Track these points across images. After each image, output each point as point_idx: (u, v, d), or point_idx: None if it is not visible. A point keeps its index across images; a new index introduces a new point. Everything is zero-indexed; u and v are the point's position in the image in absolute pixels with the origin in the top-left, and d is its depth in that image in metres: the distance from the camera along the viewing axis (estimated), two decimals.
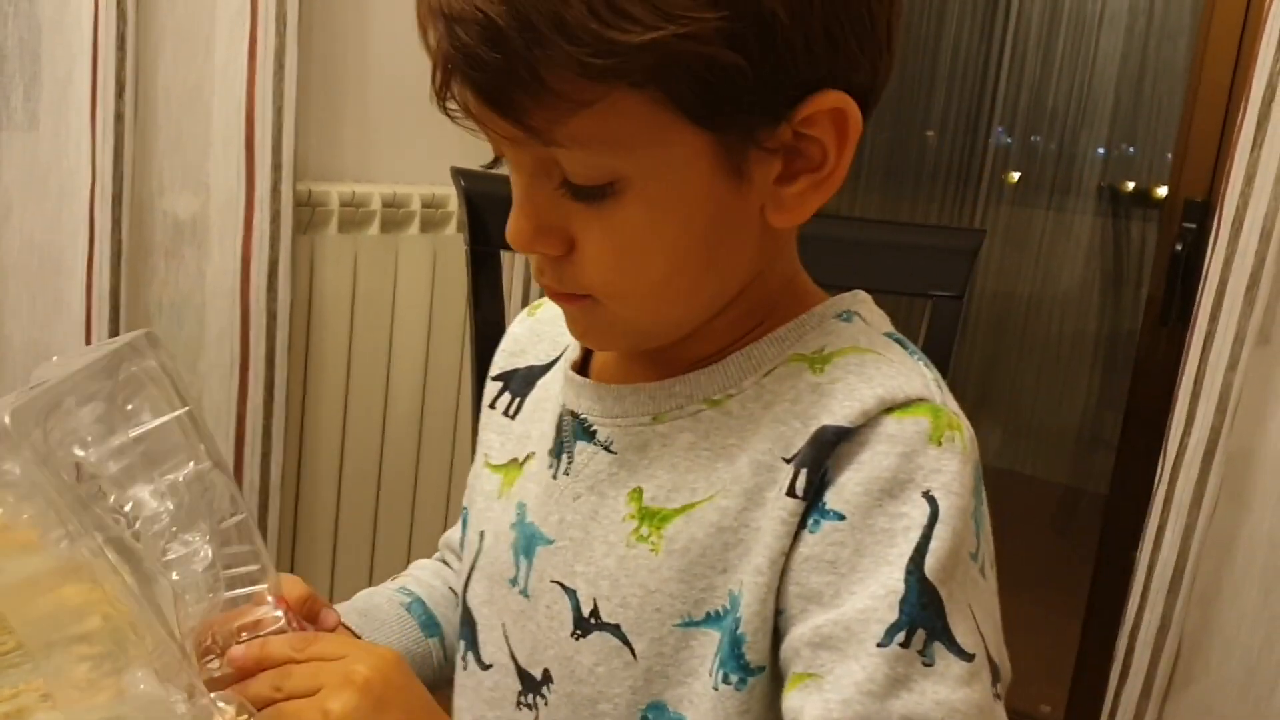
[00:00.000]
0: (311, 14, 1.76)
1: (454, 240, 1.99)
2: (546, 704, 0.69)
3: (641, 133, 0.57)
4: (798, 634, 0.59)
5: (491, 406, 0.81)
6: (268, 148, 1.70)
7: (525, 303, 2.08)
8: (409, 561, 2.22)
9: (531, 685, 0.70)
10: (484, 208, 1.17)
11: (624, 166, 0.58)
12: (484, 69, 0.56)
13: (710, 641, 0.63)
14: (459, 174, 1.18)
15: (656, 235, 0.61)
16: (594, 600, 0.66)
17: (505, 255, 1.20)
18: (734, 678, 0.62)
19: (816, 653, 0.58)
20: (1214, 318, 1.57)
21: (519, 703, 0.71)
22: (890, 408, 0.60)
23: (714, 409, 0.65)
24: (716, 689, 0.62)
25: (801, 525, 0.60)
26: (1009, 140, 3.57)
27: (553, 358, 0.78)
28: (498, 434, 0.79)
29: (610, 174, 0.58)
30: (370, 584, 0.90)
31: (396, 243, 1.94)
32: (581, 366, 0.73)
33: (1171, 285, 1.86)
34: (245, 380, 1.77)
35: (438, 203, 1.97)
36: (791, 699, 0.58)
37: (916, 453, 0.59)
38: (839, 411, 0.61)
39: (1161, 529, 1.65)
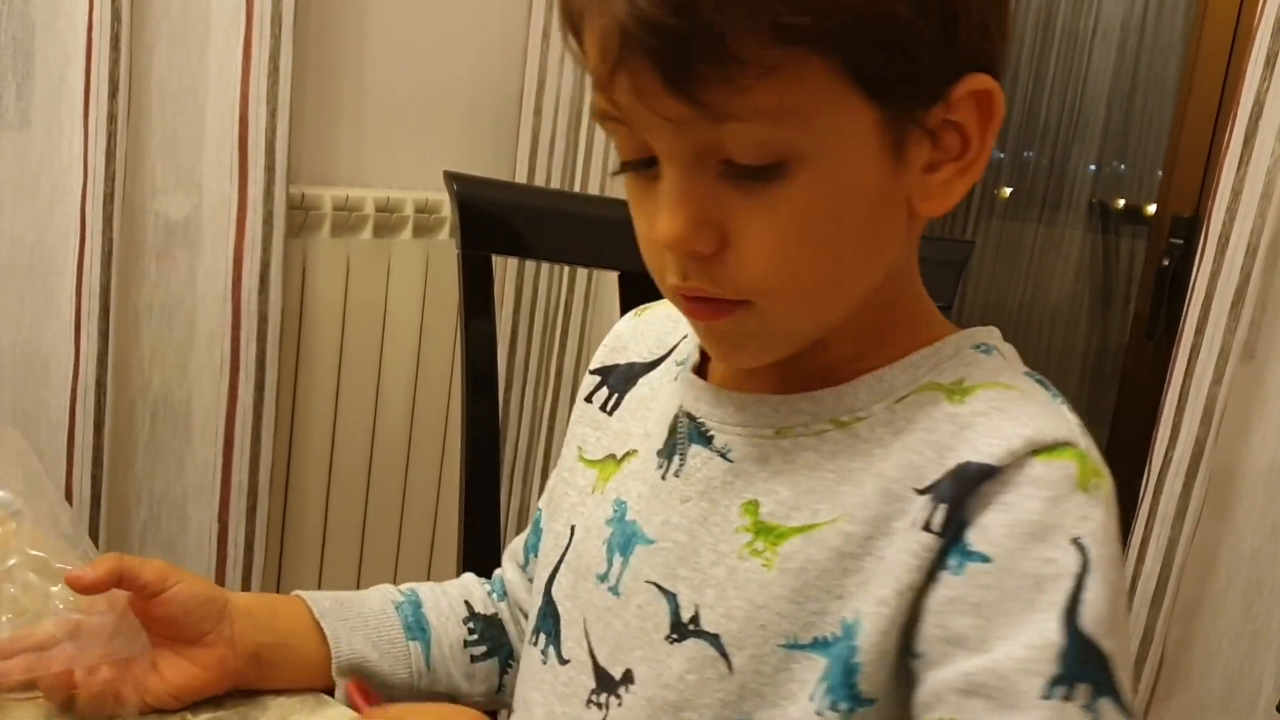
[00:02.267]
0: (307, 17, 1.77)
1: (446, 246, 1.99)
2: (620, 704, 0.68)
3: (819, 104, 0.56)
4: (942, 678, 0.58)
5: (588, 400, 0.81)
6: (261, 150, 1.70)
7: (517, 309, 2.09)
8: (397, 565, 2.22)
9: (607, 684, 0.69)
10: (477, 212, 1.17)
11: (799, 142, 0.57)
12: (668, 38, 0.54)
13: (814, 667, 0.62)
14: (452, 178, 1.18)
15: (823, 219, 0.59)
16: (695, 607, 0.65)
17: (497, 261, 1.20)
18: (842, 706, 0.61)
19: (967, 700, 0.57)
20: (1199, 332, 1.59)
21: (589, 700, 0.70)
22: (1038, 449, 0.59)
23: (841, 430, 0.64)
24: (820, 715, 0.61)
25: (939, 564, 0.59)
26: (1001, 155, 3.58)
27: (657, 356, 0.78)
28: (593, 429, 0.79)
29: (783, 151, 0.57)
30: (358, 588, 0.90)
31: (389, 248, 1.94)
32: (698, 368, 0.72)
33: (1158, 300, 1.88)
34: (235, 383, 1.76)
35: (430, 208, 1.97)
36: None
37: (1064, 498, 0.58)
38: (983, 449, 0.59)
39: (1145, 542, 1.66)
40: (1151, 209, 2.28)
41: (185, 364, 1.76)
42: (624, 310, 1.20)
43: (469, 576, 0.91)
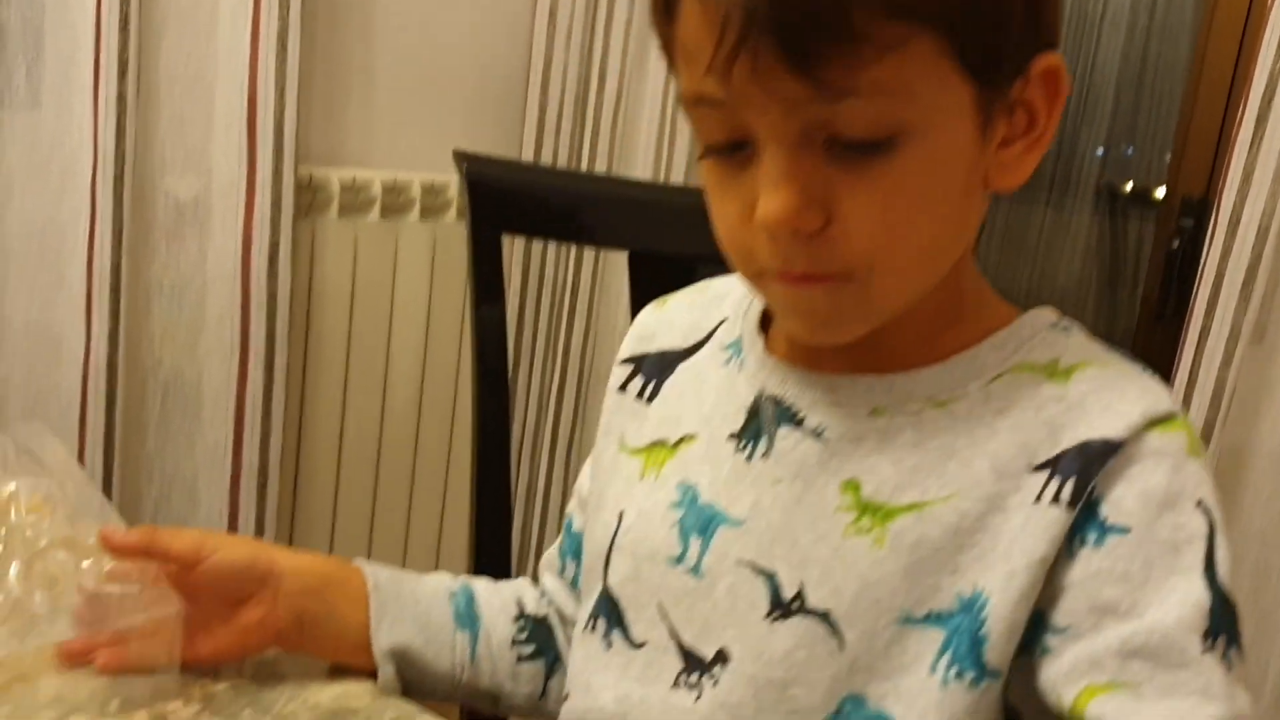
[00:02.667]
0: None
1: (453, 228, 1.99)
2: (716, 684, 0.68)
3: (928, 80, 0.59)
4: (1098, 645, 0.60)
5: (622, 390, 0.81)
6: (269, 131, 1.70)
7: (524, 292, 2.09)
8: (407, 545, 2.23)
9: (697, 665, 0.70)
10: (486, 191, 1.18)
11: (909, 116, 0.59)
12: (796, 17, 0.56)
13: (930, 640, 0.63)
14: (461, 157, 1.18)
15: (927, 192, 0.61)
16: (799, 585, 0.66)
17: (506, 240, 1.20)
18: (969, 674, 0.63)
19: (1128, 663, 0.59)
20: (1209, 314, 1.58)
21: (678, 682, 0.70)
22: (1153, 422, 0.63)
23: (938, 410, 0.66)
24: (945, 685, 0.63)
25: (1074, 538, 0.62)
26: None
27: (692, 342, 0.79)
28: (633, 418, 0.79)
29: (894, 125, 0.59)
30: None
31: (396, 229, 1.94)
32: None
33: (1167, 282, 1.87)
34: (245, 363, 1.77)
35: (437, 190, 1.97)
36: (1101, 707, 0.59)
37: (1182, 466, 0.62)
38: (1101, 426, 0.63)
39: None
40: (1160, 192, 2.28)
41: (195, 344, 1.77)
42: (634, 291, 1.21)
43: (523, 580, 0.91)
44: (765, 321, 0.75)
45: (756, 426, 0.71)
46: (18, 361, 1.66)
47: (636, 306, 1.21)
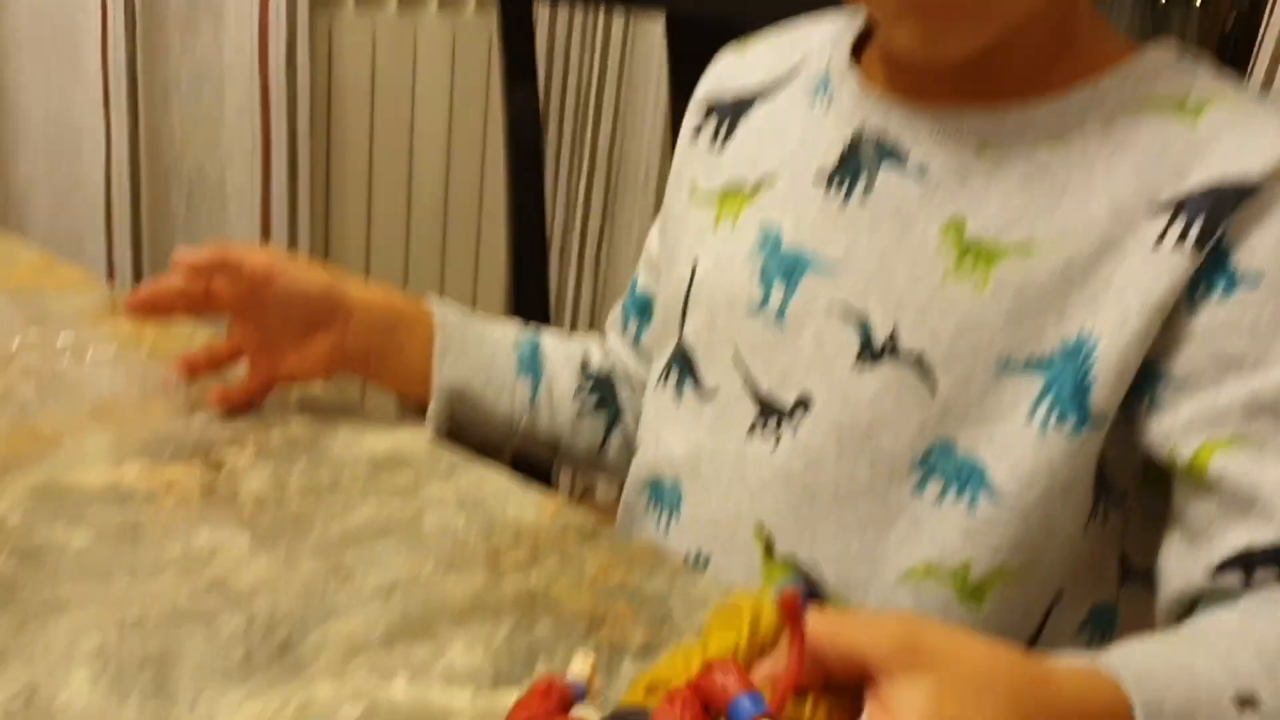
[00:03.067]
0: None
1: (473, 22, 1.93)
2: (796, 432, 0.67)
3: None
4: (1222, 399, 0.58)
5: (695, 138, 0.78)
6: None
7: (549, 76, 2.03)
8: None
9: (774, 413, 0.68)
10: None
11: None
12: None
13: (1028, 386, 0.61)
14: None
15: None
16: (893, 330, 0.64)
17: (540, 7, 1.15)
18: (1070, 421, 0.61)
19: (1254, 418, 0.57)
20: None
21: (753, 430, 0.69)
22: None
23: (1052, 145, 0.62)
24: (1044, 433, 0.61)
25: (1199, 284, 0.59)
26: None
27: (771, 81, 0.75)
28: (705, 166, 0.76)
29: None
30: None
31: (414, 22, 1.88)
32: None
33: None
34: (268, 160, 1.74)
35: None
36: (1225, 461, 0.57)
37: None
38: (1235, 165, 0.58)
39: None
40: None
41: (216, 140, 1.73)
42: (672, 62, 1.16)
43: (590, 338, 0.90)
44: (858, 58, 0.71)
45: (854, 165, 0.67)
46: (40, 154, 1.64)
47: (676, 79, 1.16)
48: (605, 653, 0.57)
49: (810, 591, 0.67)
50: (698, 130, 0.78)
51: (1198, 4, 2.40)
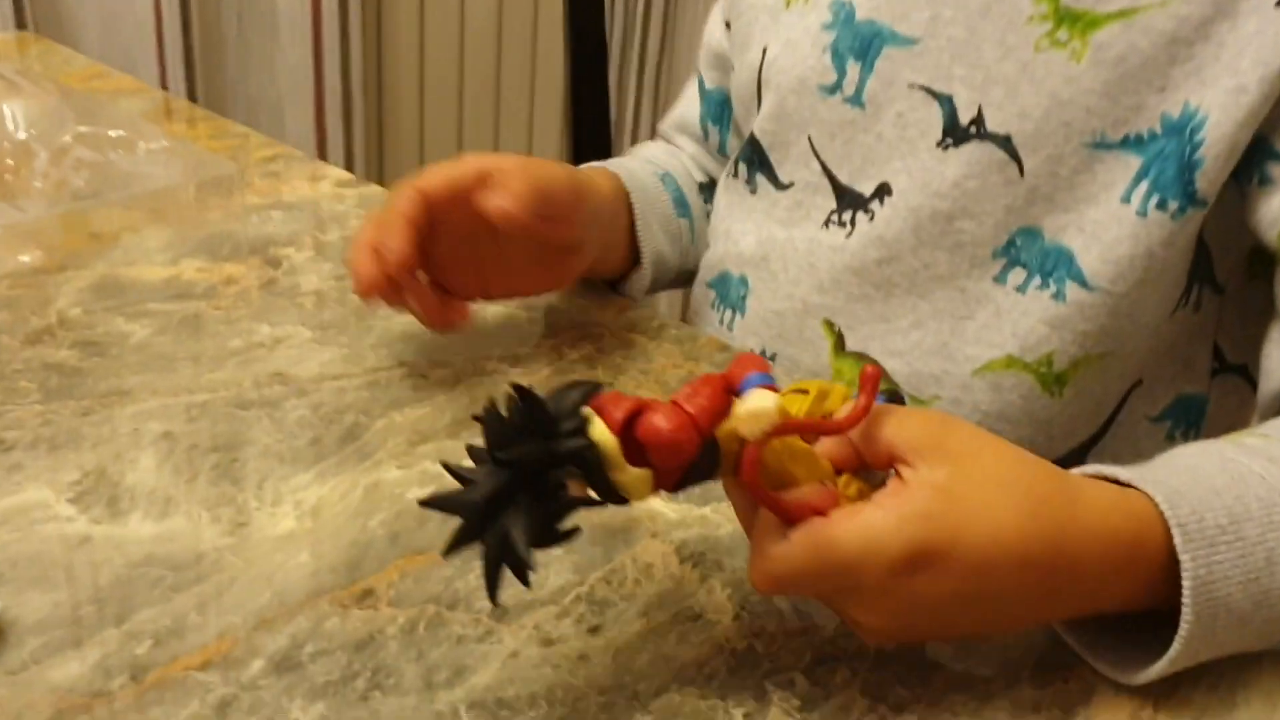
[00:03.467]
0: None
1: None
2: (873, 219, 0.64)
3: None
4: None
5: None
6: None
7: None
8: None
9: (853, 201, 0.65)
10: None
11: None
12: None
13: (1123, 166, 0.57)
14: None
15: None
16: (978, 107, 0.60)
17: None
18: (1173, 204, 0.56)
19: None
20: None
21: (829, 221, 0.66)
22: None
23: None
24: (1143, 214, 0.57)
25: None
26: None
27: None
28: None
29: None
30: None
31: None
32: None
33: None
34: None
35: None
36: None
37: None
38: None
39: None
40: None
41: None
42: None
43: (668, 146, 0.82)
44: None
45: None
46: None
47: None
48: None
49: (892, 395, 0.65)
50: None
51: None
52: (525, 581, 0.37)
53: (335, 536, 0.48)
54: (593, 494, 0.39)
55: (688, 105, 0.81)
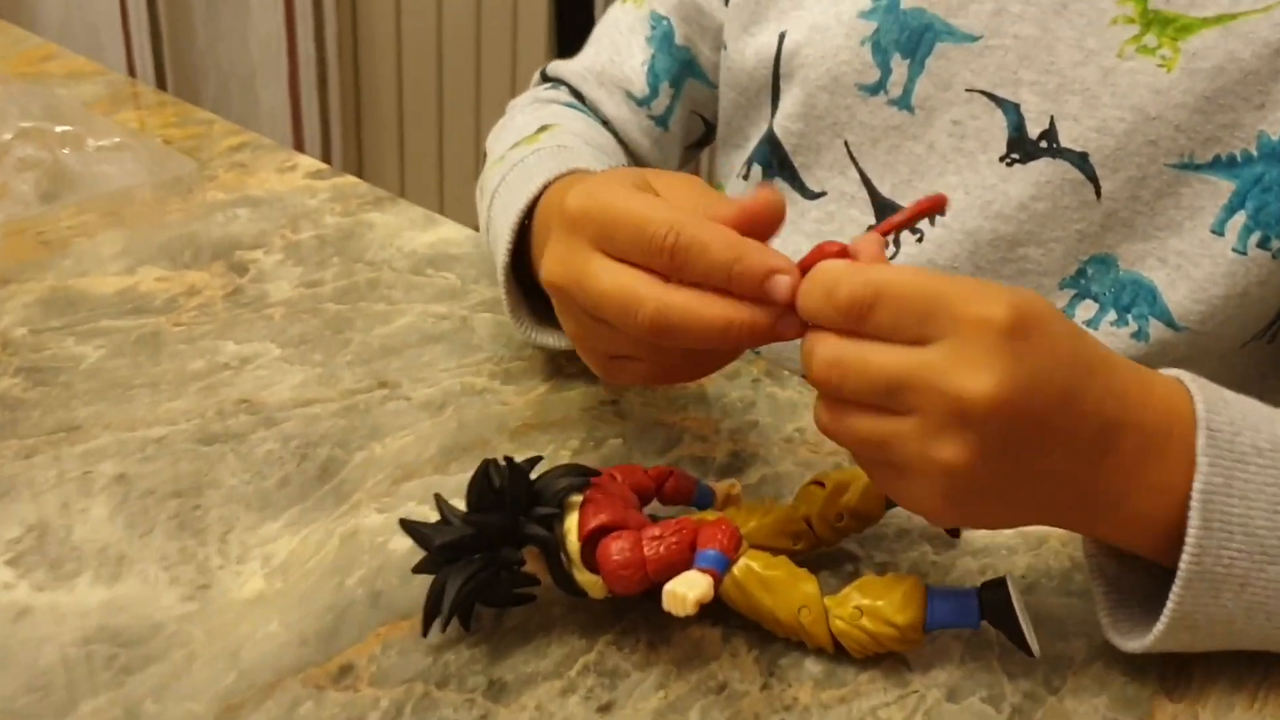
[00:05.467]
0: None
1: None
2: (920, 241, 0.57)
3: None
4: None
5: None
6: None
7: None
8: (479, 135, 2.13)
9: None
10: None
11: None
12: None
13: (1210, 192, 0.51)
14: None
15: None
16: (1050, 119, 0.53)
17: None
18: (1277, 243, 0.50)
19: None
20: None
21: None
22: None
23: None
24: (1242, 253, 0.51)
25: None
26: None
27: None
28: None
29: None
30: (440, 158, 0.79)
31: None
32: None
33: None
34: None
35: None
36: None
37: None
38: None
39: None
40: None
41: None
42: None
43: (584, 118, 0.67)
44: None
45: None
46: None
47: None
48: (691, 466, 0.50)
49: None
50: None
51: None
52: (441, 629, 0.40)
53: (308, 599, 0.42)
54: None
55: (625, 54, 0.67)
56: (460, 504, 0.41)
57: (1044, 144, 0.53)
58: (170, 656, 0.40)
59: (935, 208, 0.40)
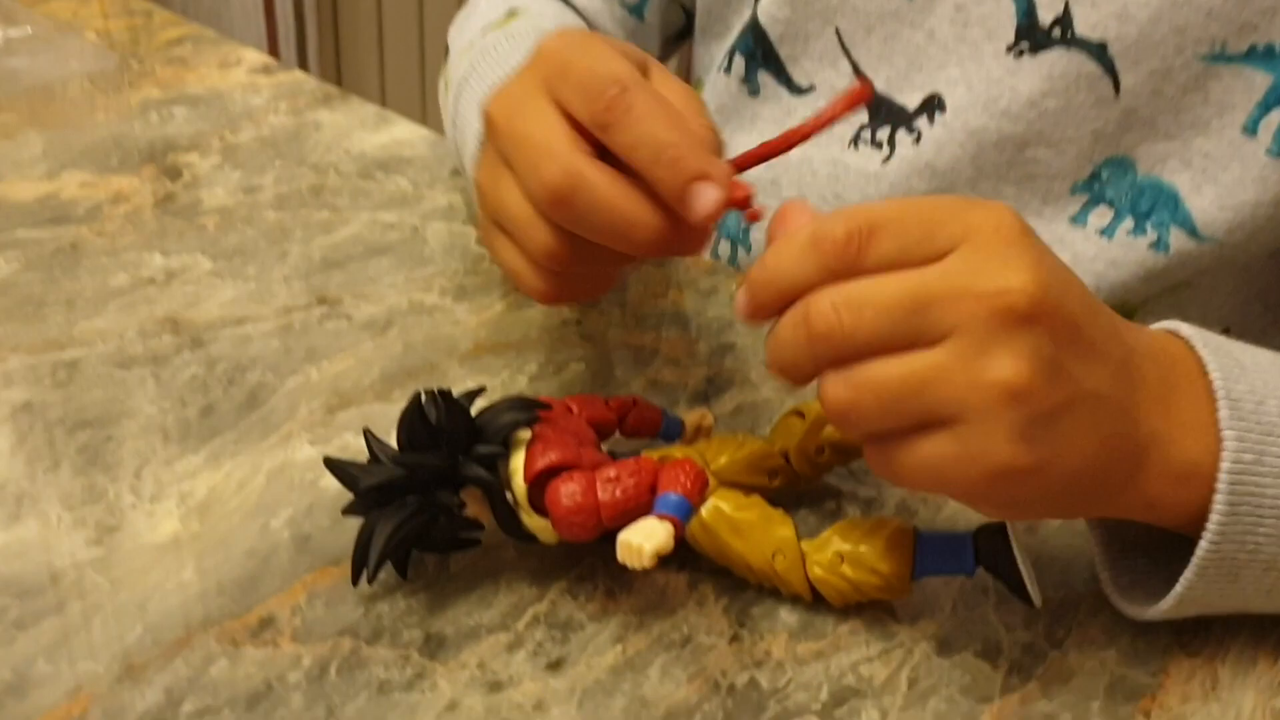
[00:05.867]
0: None
1: None
2: (918, 142, 0.52)
3: None
4: None
5: None
6: None
7: None
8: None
9: (893, 115, 0.53)
10: None
11: None
12: None
13: (1243, 87, 0.46)
14: None
15: None
16: (1064, 4, 0.47)
17: None
18: None
19: None
20: None
21: (859, 139, 0.54)
22: None
23: None
24: (1277, 155, 0.46)
25: None
26: None
27: None
28: None
29: None
30: (421, 56, 0.73)
31: None
32: None
33: None
34: None
35: None
36: None
37: None
38: None
39: None
40: None
41: None
42: None
43: (550, 3, 0.62)
44: None
45: None
46: None
47: None
48: (662, 393, 0.46)
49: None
50: None
51: None
52: (369, 580, 0.36)
53: (228, 543, 0.38)
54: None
55: None
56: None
57: (1057, 33, 0.47)
58: (69, 609, 0.35)
59: (859, 100, 0.36)
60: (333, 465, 0.36)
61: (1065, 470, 0.30)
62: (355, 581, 0.36)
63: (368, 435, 0.36)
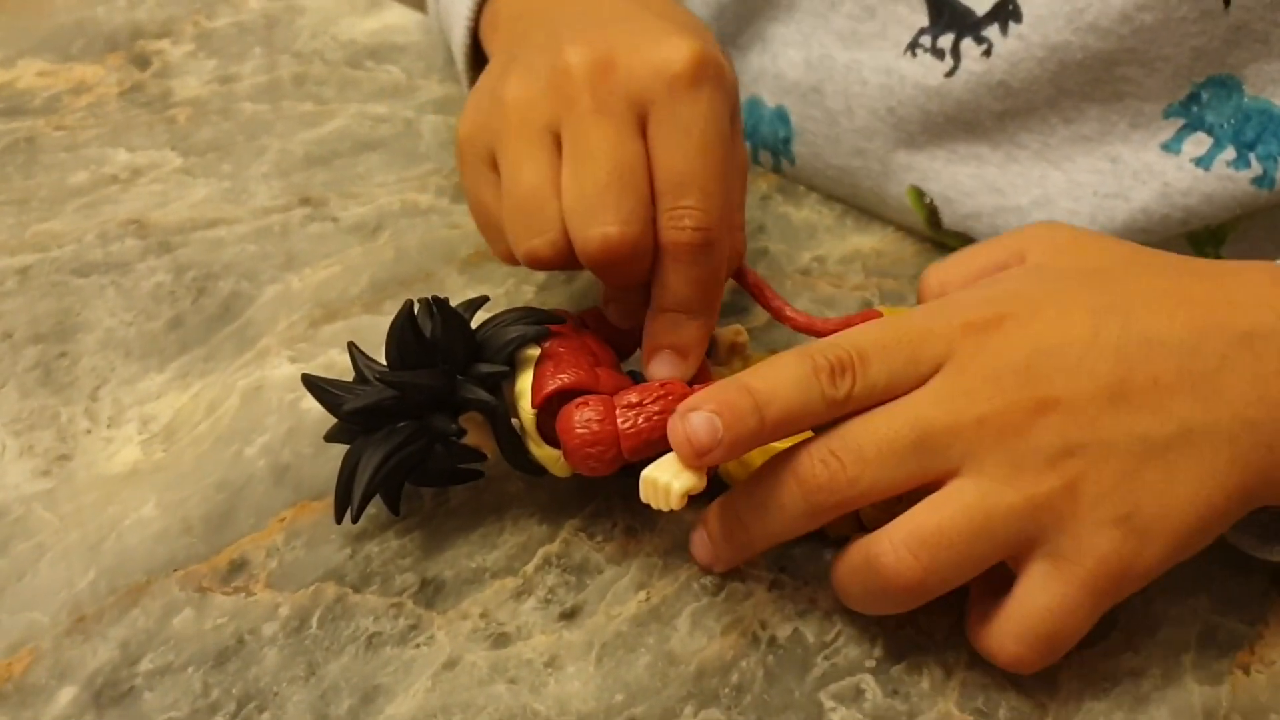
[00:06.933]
0: None
1: None
2: (988, 54, 0.45)
3: None
4: None
5: None
6: None
7: None
8: None
9: (958, 20, 0.46)
10: None
11: None
12: None
13: None
14: None
15: None
16: None
17: None
18: None
19: None
20: None
21: (917, 44, 0.47)
22: None
23: None
24: None
25: None
26: None
27: None
28: None
29: None
30: None
31: None
32: None
33: None
34: None
35: None
36: None
37: None
38: None
39: None
40: None
41: None
42: None
43: None
44: None
45: None
46: None
47: None
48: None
49: None
50: None
51: None
52: (353, 518, 0.31)
53: (196, 474, 0.33)
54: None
55: None
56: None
57: None
58: (12, 550, 0.31)
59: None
60: (313, 384, 0.31)
61: (1170, 529, 0.28)
62: (339, 519, 0.31)
63: (353, 350, 0.32)
